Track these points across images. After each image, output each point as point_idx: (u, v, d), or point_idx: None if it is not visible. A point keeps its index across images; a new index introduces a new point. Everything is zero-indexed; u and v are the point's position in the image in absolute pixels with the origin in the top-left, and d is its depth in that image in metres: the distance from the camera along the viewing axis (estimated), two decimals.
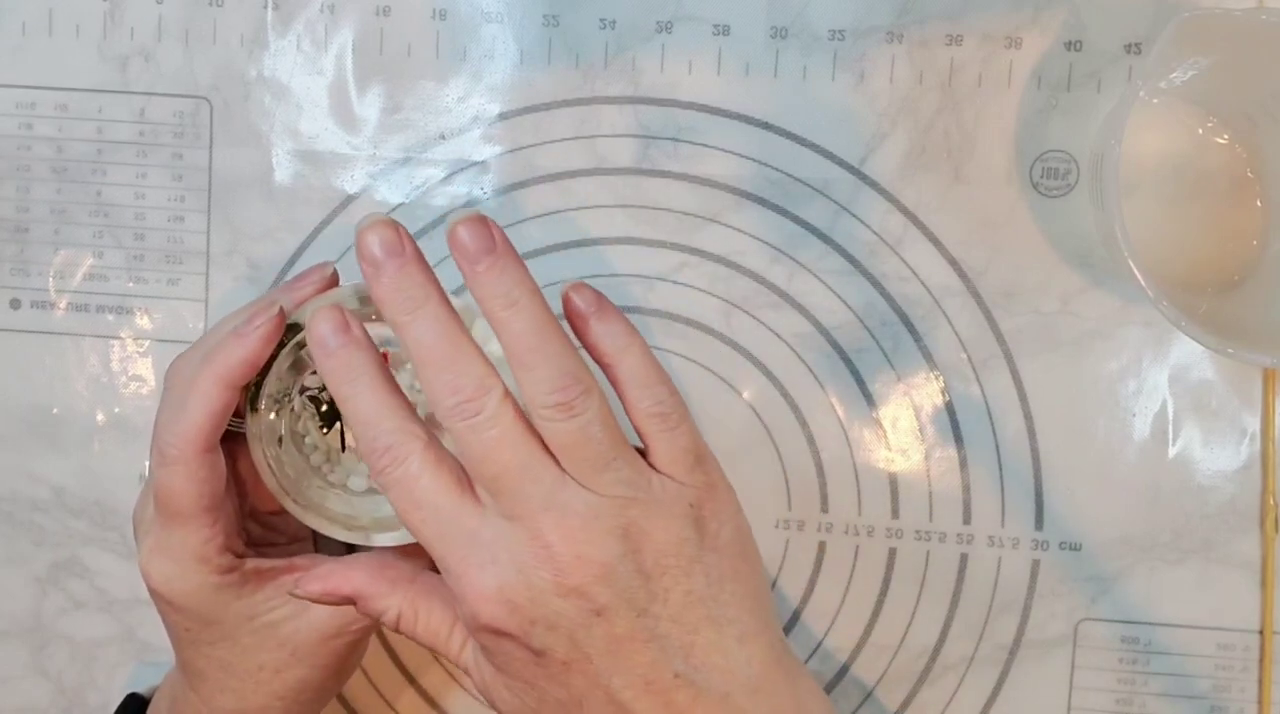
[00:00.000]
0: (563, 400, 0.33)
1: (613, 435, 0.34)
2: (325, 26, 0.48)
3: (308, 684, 0.41)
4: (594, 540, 0.33)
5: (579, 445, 0.34)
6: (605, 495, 0.34)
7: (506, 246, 0.35)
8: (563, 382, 0.34)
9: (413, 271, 0.35)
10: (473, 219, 0.35)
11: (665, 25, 0.47)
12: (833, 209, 0.47)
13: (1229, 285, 0.46)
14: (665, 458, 0.35)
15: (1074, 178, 0.47)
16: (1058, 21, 0.46)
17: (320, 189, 0.48)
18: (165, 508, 0.39)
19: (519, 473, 0.34)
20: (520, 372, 0.34)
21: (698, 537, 0.35)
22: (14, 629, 0.50)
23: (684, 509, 0.35)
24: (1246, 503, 0.47)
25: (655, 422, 0.35)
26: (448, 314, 0.35)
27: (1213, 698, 0.47)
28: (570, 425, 0.34)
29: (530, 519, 0.33)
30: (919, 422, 0.47)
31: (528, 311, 0.34)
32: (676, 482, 0.35)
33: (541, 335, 0.34)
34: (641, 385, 0.35)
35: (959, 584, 0.48)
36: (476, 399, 0.34)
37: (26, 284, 0.49)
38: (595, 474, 0.34)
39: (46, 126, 0.48)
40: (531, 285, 0.35)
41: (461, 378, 0.34)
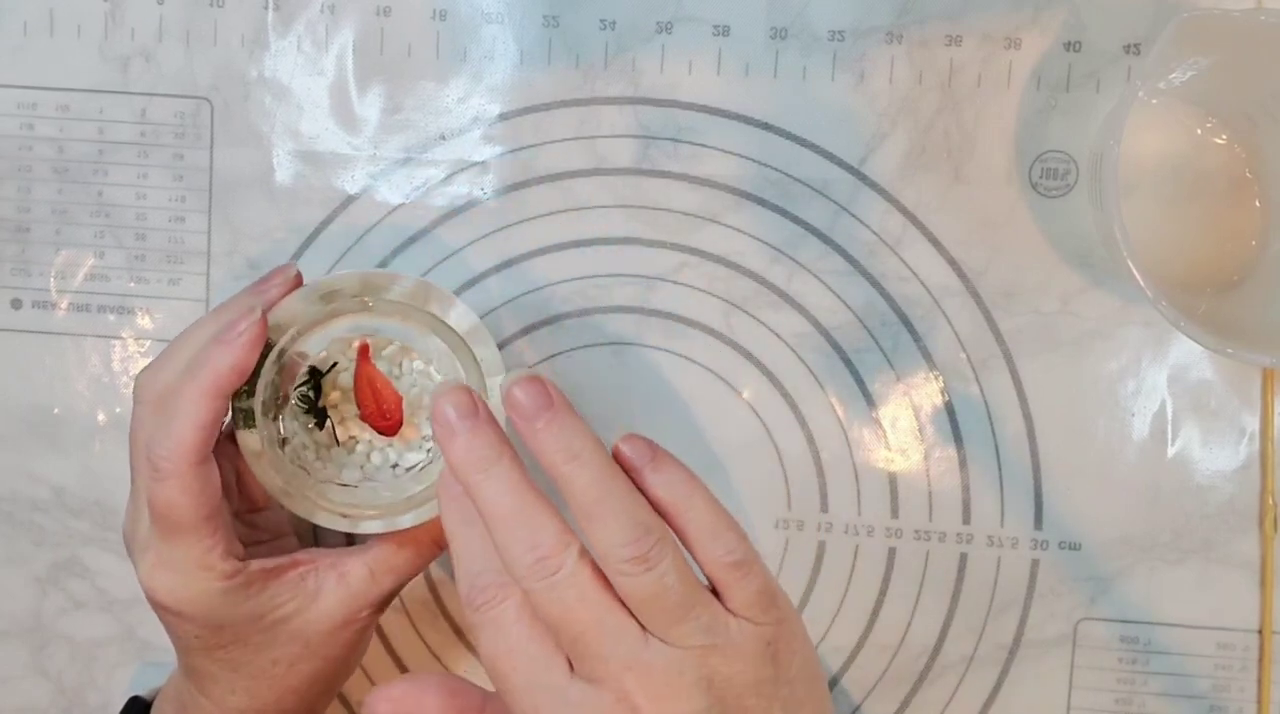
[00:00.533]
0: (638, 553, 0.33)
1: (688, 583, 0.34)
2: (326, 27, 0.48)
3: (319, 676, 0.42)
4: (680, 697, 0.33)
5: (656, 597, 0.33)
6: (686, 648, 0.34)
7: (563, 402, 0.35)
8: (635, 533, 0.33)
9: (485, 432, 0.35)
10: (528, 379, 0.35)
11: (665, 26, 0.47)
12: (833, 209, 0.47)
13: (1228, 285, 0.46)
14: (741, 602, 0.35)
15: (1073, 178, 0.47)
16: (1057, 22, 0.46)
17: (321, 189, 0.48)
18: (164, 522, 0.39)
19: (600, 633, 0.33)
20: (589, 526, 0.34)
21: (774, 674, 0.35)
22: (14, 629, 0.50)
23: (762, 649, 0.35)
24: (1246, 503, 0.47)
25: (729, 570, 0.35)
26: (521, 473, 0.35)
27: (1212, 698, 0.47)
28: (647, 579, 0.33)
29: (615, 681, 0.33)
30: (919, 421, 0.47)
31: (591, 464, 0.34)
32: (753, 623, 0.35)
33: (607, 487, 0.34)
34: (711, 535, 0.35)
35: (958, 584, 0.48)
36: (555, 556, 0.33)
37: (28, 284, 0.49)
38: (674, 625, 0.34)
39: (48, 127, 0.49)
40: (592, 438, 0.35)
41: (539, 535, 0.34)
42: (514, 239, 0.48)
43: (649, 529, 0.34)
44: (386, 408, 0.42)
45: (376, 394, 0.42)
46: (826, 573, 0.48)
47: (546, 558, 0.33)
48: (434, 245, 0.48)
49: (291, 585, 0.40)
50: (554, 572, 0.33)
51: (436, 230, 0.48)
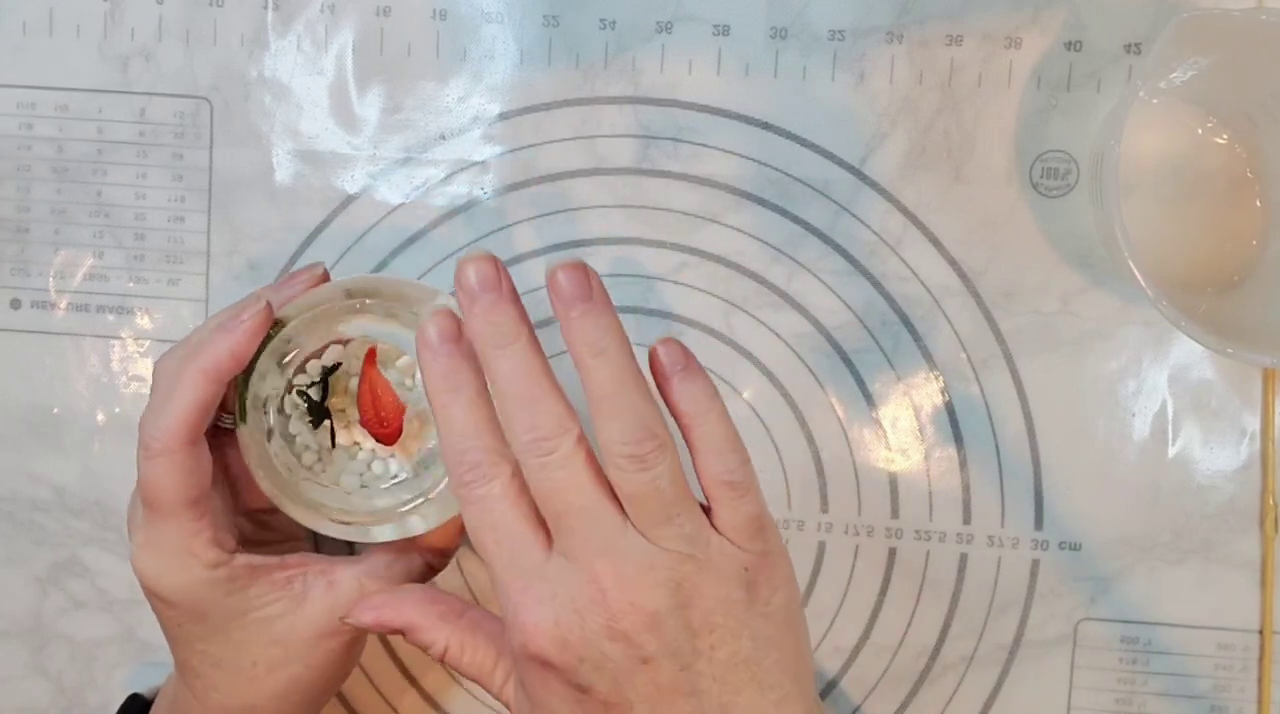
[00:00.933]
0: (637, 452, 0.34)
1: (679, 491, 0.35)
2: (325, 27, 0.48)
3: (300, 683, 0.41)
4: (646, 589, 0.34)
5: (646, 497, 0.34)
6: (663, 548, 0.34)
7: (603, 295, 0.36)
8: (639, 434, 0.34)
9: (506, 307, 0.35)
10: (573, 266, 0.35)
11: (665, 25, 0.47)
12: (833, 209, 0.47)
13: (1228, 285, 0.46)
14: (729, 523, 0.36)
15: (1074, 178, 0.47)
16: (1058, 21, 0.46)
17: (320, 189, 0.48)
18: (150, 502, 0.39)
19: (582, 515, 0.34)
20: (599, 418, 0.35)
21: (748, 600, 0.35)
22: (14, 629, 0.50)
23: (738, 572, 0.35)
24: (1246, 503, 0.47)
25: (725, 489, 0.36)
26: (536, 353, 0.35)
27: (1212, 698, 0.47)
28: (641, 477, 0.34)
29: (588, 561, 0.34)
30: (919, 421, 0.47)
31: (614, 361, 0.35)
32: (735, 546, 0.35)
33: (623, 385, 0.35)
34: (717, 451, 0.36)
35: (959, 584, 0.48)
36: (552, 438, 0.34)
37: (27, 284, 0.49)
38: (657, 526, 0.34)
39: (47, 126, 0.48)
40: (621, 336, 0.35)
41: (540, 416, 0.34)
42: (514, 239, 0.48)
43: (653, 433, 0.34)
44: (385, 415, 0.42)
45: (377, 400, 0.42)
46: (826, 573, 0.48)
47: (546, 437, 0.34)
48: (434, 245, 0.48)
49: (277, 586, 0.40)
50: (550, 452, 0.34)
51: (436, 230, 0.48)
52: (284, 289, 0.41)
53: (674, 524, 0.35)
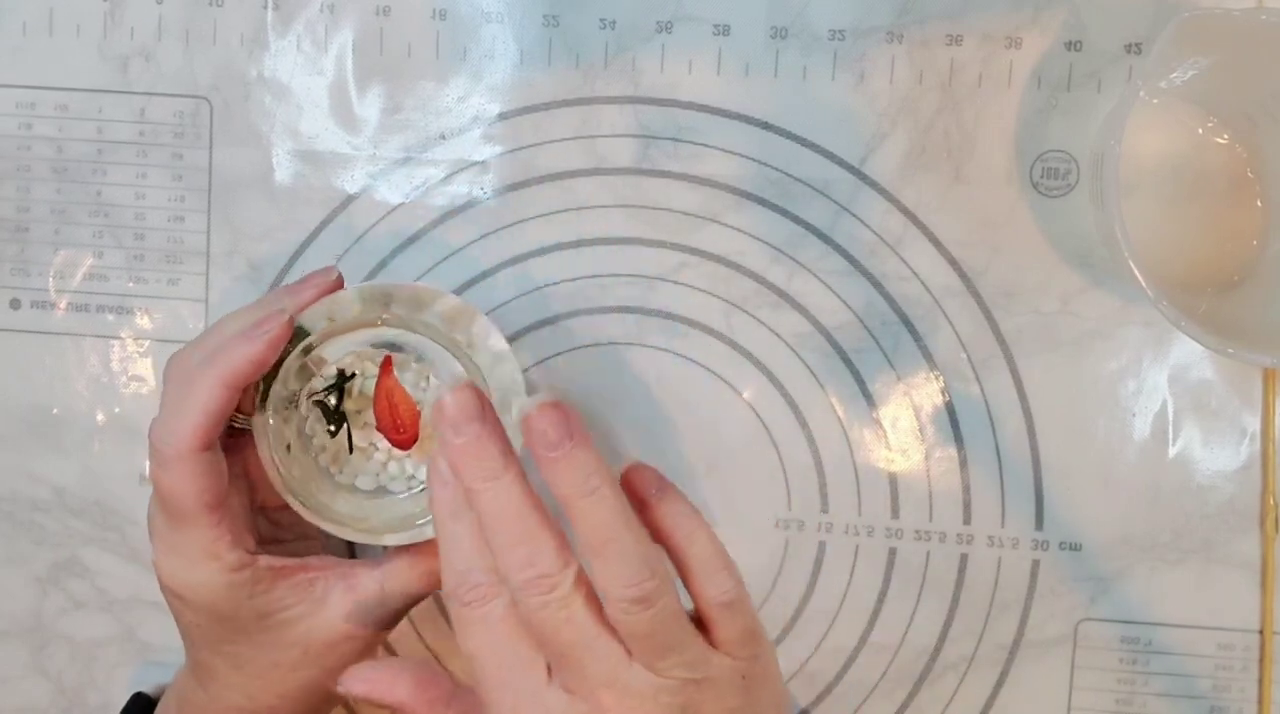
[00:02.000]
0: (639, 595, 0.34)
1: (680, 622, 0.35)
2: (325, 27, 0.48)
3: (317, 686, 0.41)
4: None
5: (649, 634, 0.34)
6: (668, 678, 0.34)
7: (582, 434, 0.35)
8: (641, 575, 0.34)
9: (490, 441, 0.34)
10: (549, 407, 0.34)
11: (665, 25, 0.47)
12: (833, 209, 0.47)
13: (1229, 285, 0.46)
14: (725, 639, 0.36)
15: (1074, 178, 0.47)
16: (1058, 21, 0.46)
17: (320, 189, 0.48)
18: (168, 508, 0.39)
19: (584, 651, 0.34)
20: (597, 561, 0.34)
21: (744, 705, 0.36)
22: (14, 629, 0.50)
23: (737, 681, 0.36)
24: (1246, 503, 0.47)
25: (721, 610, 0.36)
26: (523, 486, 0.35)
27: (1212, 698, 0.47)
28: (644, 618, 0.34)
29: (591, 695, 0.34)
30: (919, 422, 0.47)
31: (607, 503, 0.34)
32: (732, 658, 0.36)
33: (618, 527, 0.34)
34: (709, 574, 0.36)
35: (959, 584, 0.48)
36: (552, 576, 0.34)
37: (26, 284, 0.49)
38: (660, 658, 0.34)
39: (47, 126, 0.48)
40: (608, 474, 0.35)
41: (537, 554, 0.34)
42: (514, 239, 0.48)
43: (653, 571, 0.34)
44: (402, 422, 0.42)
45: (394, 407, 0.42)
46: (826, 573, 0.48)
47: (544, 576, 0.34)
48: (434, 245, 0.48)
49: (299, 589, 0.40)
50: (549, 590, 0.34)
51: (436, 230, 0.48)
52: (299, 293, 0.41)
53: (676, 654, 0.34)
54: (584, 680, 0.34)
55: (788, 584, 0.48)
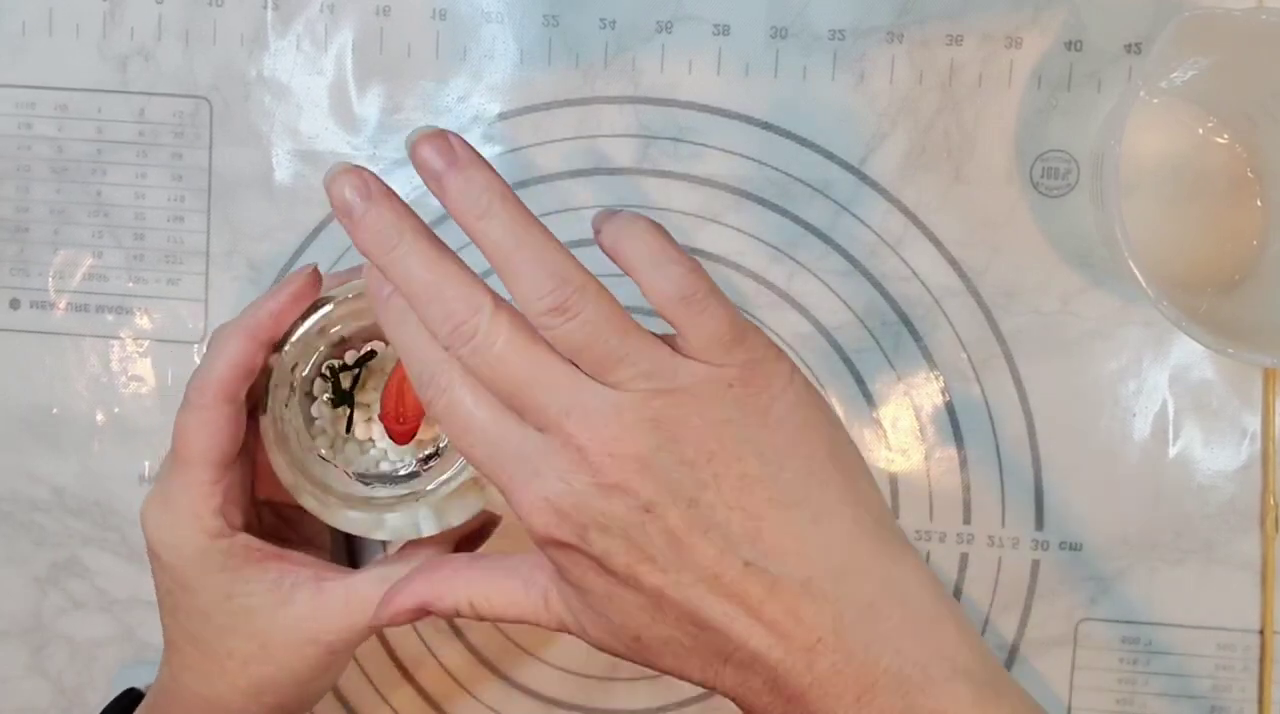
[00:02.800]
0: (556, 303, 0.32)
1: (620, 328, 0.33)
2: (325, 26, 0.48)
3: (272, 685, 0.40)
4: (623, 436, 0.32)
5: (588, 345, 0.32)
6: (627, 390, 0.32)
7: (470, 156, 0.33)
8: (552, 282, 0.32)
9: (381, 210, 0.34)
10: (432, 134, 0.33)
11: (665, 25, 0.47)
12: (833, 209, 0.47)
13: (1229, 285, 0.46)
14: (696, 343, 0.33)
15: (1074, 178, 0.47)
16: (1058, 21, 0.46)
17: (320, 189, 0.48)
18: (176, 452, 0.39)
19: (532, 383, 0.32)
20: (508, 281, 0.33)
21: (741, 416, 0.32)
22: (14, 629, 0.50)
23: (721, 390, 0.32)
24: (1247, 503, 0.47)
25: (679, 306, 0.33)
26: (427, 245, 0.34)
27: (1213, 698, 0.47)
28: (572, 326, 0.32)
29: (556, 426, 0.32)
30: (919, 422, 0.47)
31: (502, 216, 0.33)
32: (710, 365, 0.33)
33: (521, 238, 0.33)
34: (654, 267, 0.33)
35: (959, 584, 0.48)
36: (468, 320, 0.33)
37: (26, 284, 0.49)
38: (611, 371, 0.32)
39: (46, 126, 0.48)
40: (503, 188, 0.33)
41: (449, 303, 0.33)
42: None
43: (567, 277, 0.32)
44: (405, 413, 0.42)
45: (401, 398, 0.42)
46: None
47: (462, 322, 0.33)
48: None
49: (269, 578, 0.40)
50: (472, 334, 0.32)
51: (437, 230, 0.48)
52: (337, 276, 0.42)
53: (627, 364, 0.32)
54: (544, 414, 0.32)
55: None
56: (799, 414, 0.33)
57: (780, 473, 0.32)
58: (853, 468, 0.34)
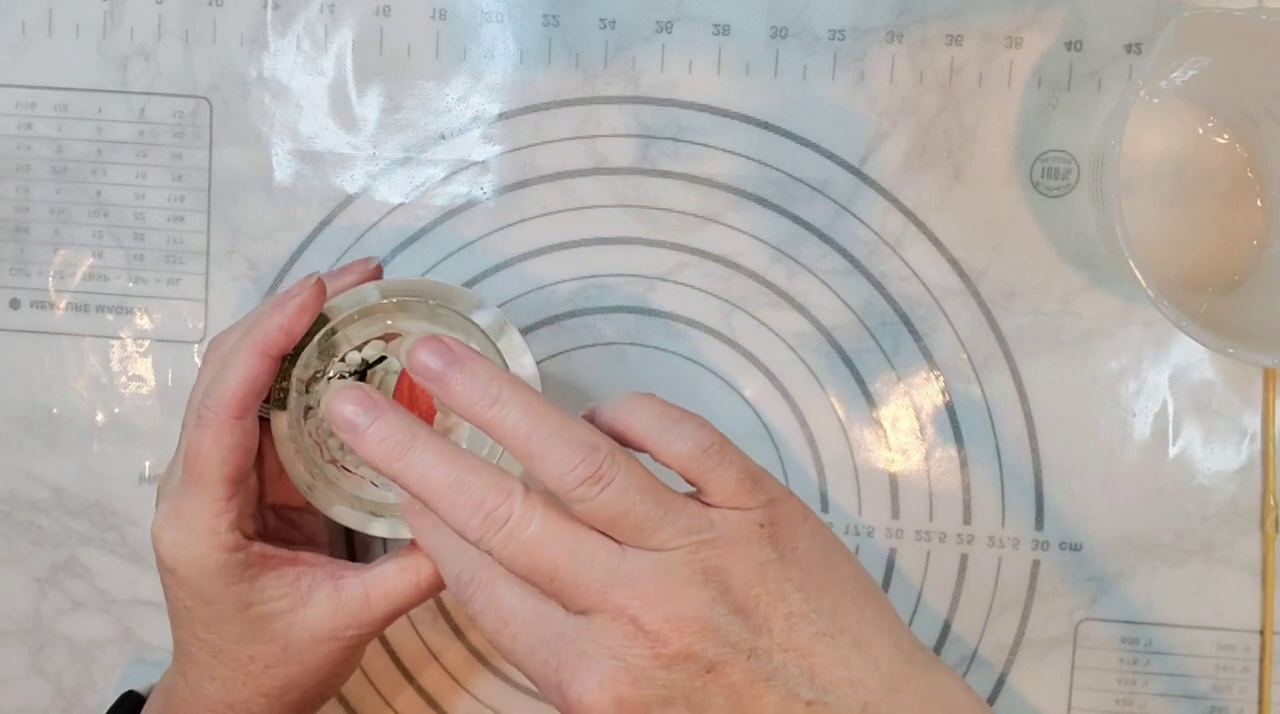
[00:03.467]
0: (587, 474, 0.32)
1: (654, 490, 0.33)
2: (325, 26, 0.48)
3: (295, 684, 0.41)
4: (677, 596, 0.32)
5: (625, 512, 0.32)
6: (671, 549, 0.32)
7: (468, 353, 0.34)
8: (580, 454, 0.32)
9: (391, 419, 0.34)
10: (425, 342, 0.34)
11: (665, 25, 0.47)
12: (833, 209, 0.47)
13: (1229, 285, 0.46)
14: (721, 493, 0.33)
15: (1074, 178, 0.47)
16: (1058, 21, 0.46)
17: (320, 189, 0.48)
18: (190, 469, 0.39)
19: (571, 560, 0.32)
20: (534, 464, 0.33)
21: (778, 555, 0.33)
22: (13, 630, 0.50)
23: (755, 532, 0.33)
24: (1247, 503, 0.47)
25: (700, 461, 0.33)
26: (441, 442, 0.34)
27: (1213, 698, 0.47)
28: (607, 496, 0.32)
29: (602, 601, 0.32)
30: (919, 422, 0.47)
31: (515, 401, 0.33)
32: (739, 510, 0.33)
33: (538, 417, 0.33)
34: (666, 430, 0.34)
35: (959, 584, 0.48)
36: (500, 505, 0.32)
37: (26, 284, 0.49)
38: (653, 536, 0.32)
39: (46, 126, 0.48)
40: (506, 377, 0.34)
41: (478, 492, 0.33)
42: (514, 239, 0.48)
43: (594, 446, 0.32)
44: (418, 413, 0.42)
45: (414, 399, 0.42)
46: None
47: (492, 511, 0.32)
48: (434, 245, 0.48)
49: (285, 582, 0.40)
50: (504, 521, 0.32)
51: (436, 230, 0.48)
52: (337, 278, 0.41)
53: (666, 525, 0.32)
54: (588, 591, 0.32)
55: None
56: (821, 546, 0.34)
57: (820, 605, 0.33)
58: (876, 590, 0.35)
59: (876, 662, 0.33)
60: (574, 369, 0.48)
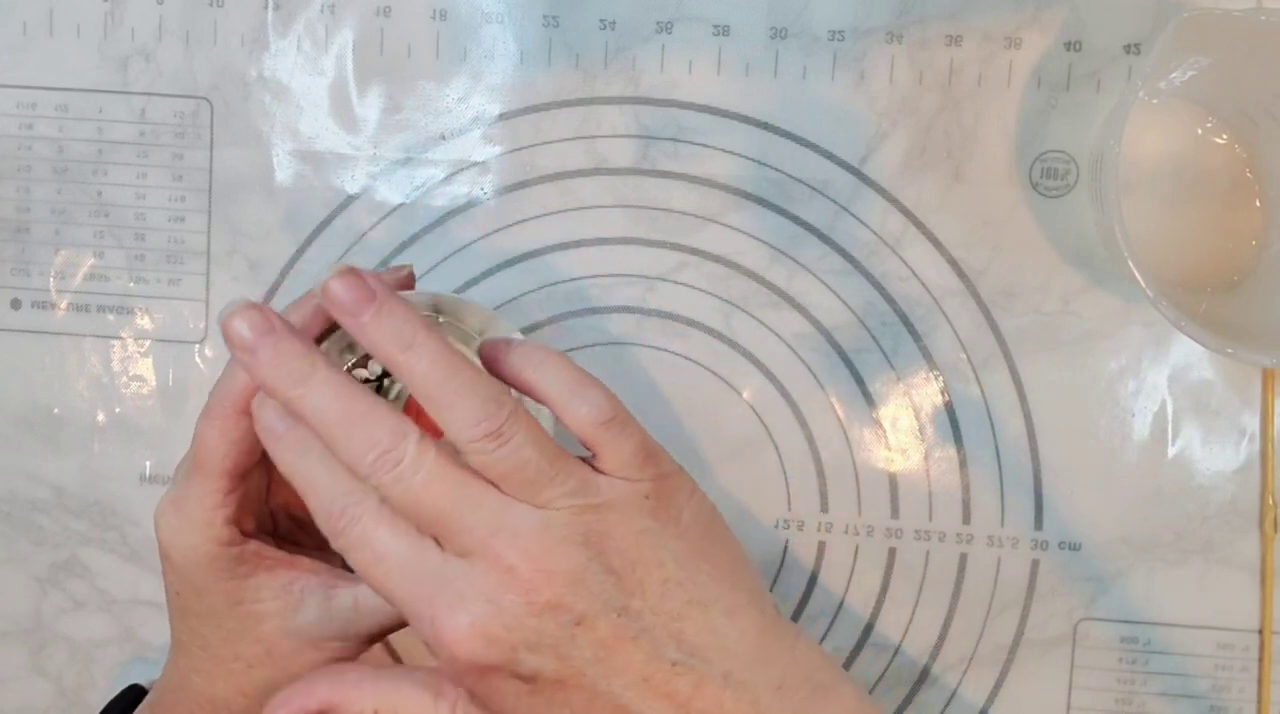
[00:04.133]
0: (490, 430, 0.33)
1: (548, 451, 0.33)
2: (326, 27, 0.48)
3: (275, 688, 0.39)
4: (554, 552, 0.33)
5: (516, 470, 0.33)
6: (556, 508, 0.33)
7: (386, 292, 0.34)
8: (485, 411, 0.33)
9: (287, 345, 0.34)
10: (343, 272, 0.34)
11: (665, 25, 0.47)
12: (833, 209, 0.47)
13: (1228, 285, 0.46)
14: (615, 462, 0.34)
15: (1073, 178, 0.47)
16: (1058, 21, 0.46)
17: (321, 189, 0.48)
18: (194, 459, 0.39)
19: (457, 505, 0.33)
20: (438, 410, 0.33)
21: (658, 526, 0.34)
22: (14, 629, 0.50)
23: (639, 503, 0.34)
24: (1246, 503, 0.47)
25: (600, 430, 0.34)
26: (339, 375, 0.34)
27: (1212, 698, 0.47)
28: (503, 453, 0.33)
29: (484, 547, 0.33)
30: (919, 421, 0.47)
31: (427, 349, 0.33)
32: (627, 481, 0.34)
33: (449, 369, 0.33)
34: (573, 395, 0.35)
35: (958, 584, 0.48)
36: (395, 448, 0.33)
37: (27, 284, 0.49)
38: (540, 492, 0.33)
39: (47, 127, 0.49)
40: (422, 322, 0.34)
41: (375, 431, 0.33)
42: (514, 239, 0.48)
43: (500, 403, 0.33)
44: (428, 426, 0.42)
45: (422, 417, 0.42)
46: (826, 573, 0.48)
47: (388, 450, 0.33)
48: (434, 245, 0.48)
49: (278, 584, 0.40)
50: (398, 461, 0.33)
51: (437, 230, 0.48)
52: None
53: (555, 484, 0.33)
54: (470, 535, 0.33)
55: (788, 584, 0.48)
56: (703, 521, 0.35)
57: (695, 575, 0.34)
58: (749, 570, 0.36)
59: (744, 632, 0.34)
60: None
